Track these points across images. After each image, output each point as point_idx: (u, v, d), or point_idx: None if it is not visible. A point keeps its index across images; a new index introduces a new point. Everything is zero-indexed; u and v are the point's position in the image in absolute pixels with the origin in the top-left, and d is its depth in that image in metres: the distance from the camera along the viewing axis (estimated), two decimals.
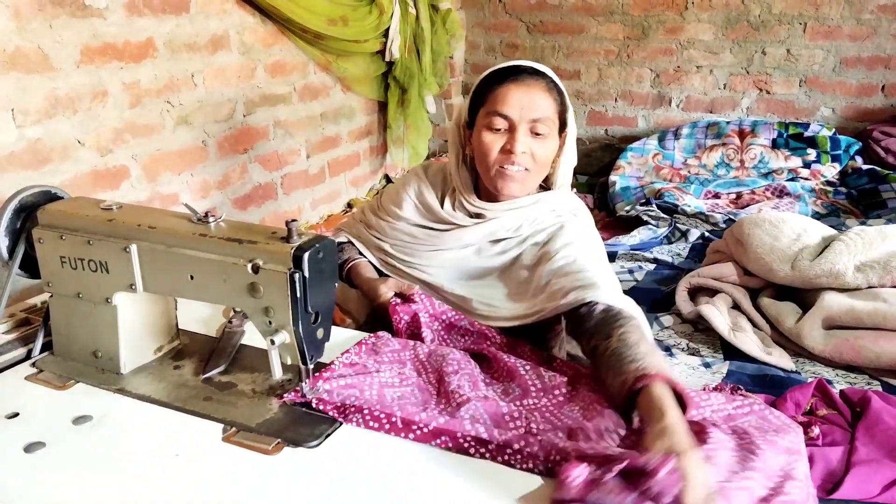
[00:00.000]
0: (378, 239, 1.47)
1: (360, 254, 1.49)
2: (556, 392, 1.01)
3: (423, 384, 1.03)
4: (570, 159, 1.36)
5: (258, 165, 2.72)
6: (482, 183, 1.37)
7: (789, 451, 0.89)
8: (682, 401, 0.90)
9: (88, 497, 0.82)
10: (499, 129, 1.27)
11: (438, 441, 0.90)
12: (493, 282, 1.33)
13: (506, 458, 0.86)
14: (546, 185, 1.41)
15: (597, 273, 1.19)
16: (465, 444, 0.88)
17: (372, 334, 1.16)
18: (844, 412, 1.51)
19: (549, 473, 0.84)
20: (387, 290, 1.28)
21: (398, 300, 1.25)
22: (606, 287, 1.15)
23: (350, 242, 1.52)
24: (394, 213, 1.45)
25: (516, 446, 0.86)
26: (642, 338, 1.03)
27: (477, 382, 1.02)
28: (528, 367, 1.06)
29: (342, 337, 1.20)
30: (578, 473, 0.77)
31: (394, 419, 0.92)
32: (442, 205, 1.41)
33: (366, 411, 0.94)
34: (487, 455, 0.87)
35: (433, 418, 0.91)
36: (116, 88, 2.06)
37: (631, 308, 1.14)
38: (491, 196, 1.35)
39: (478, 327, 1.22)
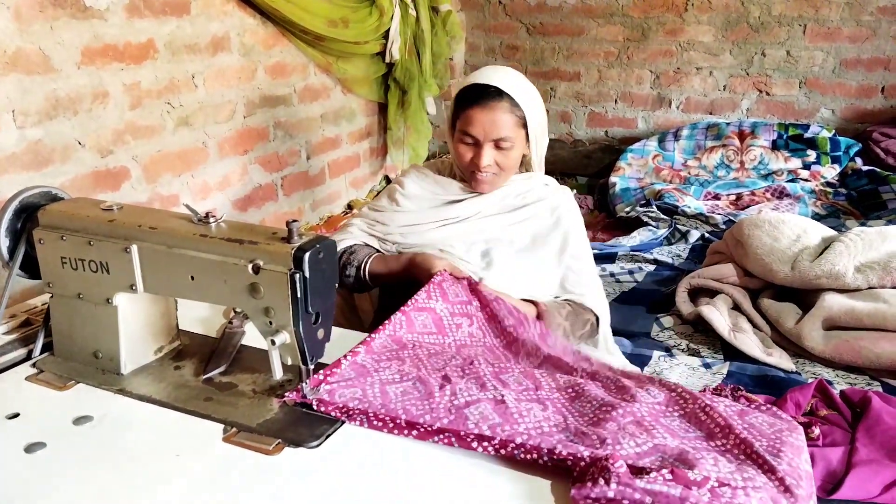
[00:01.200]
0: (386, 235, 1.57)
1: (368, 250, 1.55)
2: (570, 390, 1.03)
3: (424, 376, 1.03)
4: (539, 146, 1.58)
5: (258, 166, 2.72)
6: None
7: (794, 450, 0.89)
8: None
9: (89, 497, 0.82)
10: (468, 143, 1.50)
11: (441, 437, 0.90)
12: (506, 252, 1.53)
13: (509, 450, 0.86)
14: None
15: (591, 282, 1.60)
16: (469, 439, 0.88)
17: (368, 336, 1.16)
18: (845, 413, 1.51)
19: (552, 466, 0.84)
20: (441, 264, 1.37)
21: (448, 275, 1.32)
22: (592, 293, 1.58)
23: (365, 244, 1.57)
24: (398, 199, 1.60)
25: (519, 440, 0.86)
26: (573, 315, 1.51)
27: (486, 384, 1.02)
28: (543, 373, 1.09)
29: (343, 337, 1.20)
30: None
31: (398, 421, 0.92)
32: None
33: (371, 414, 0.94)
34: (490, 449, 0.87)
35: (437, 420, 0.91)
36: (117, 90, 2.07)
37: (599, 307, 1.59)
38: None
39: (518, 316, 1.26)
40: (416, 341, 1.16)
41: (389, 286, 1.55)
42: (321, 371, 1.01)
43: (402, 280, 1.45)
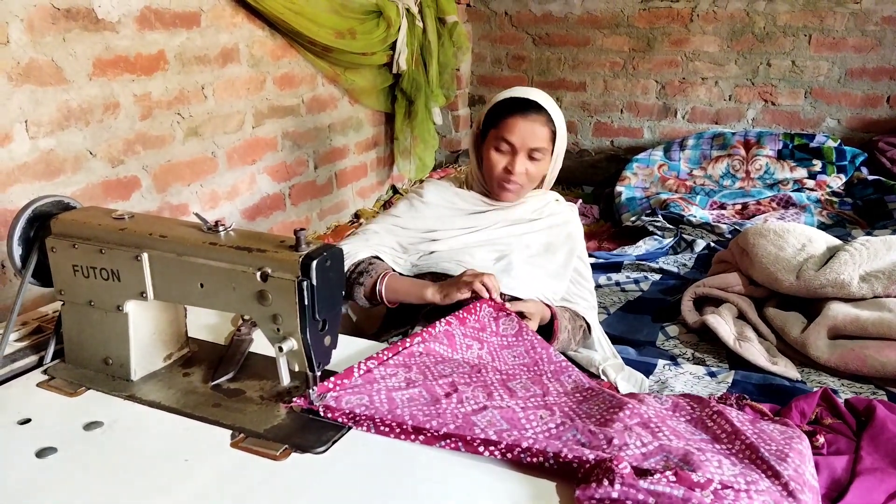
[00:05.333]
0: (408, 242, 1.63)
1: (386, 266, 1.58)
2: (577, 395, 1.04)
3: (429, 384, 1.04)
4: (557, 166, 1.67)
5: (266, 176, 2.74)
6: None
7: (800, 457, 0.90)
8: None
9: (99, 502, 0.83)
10: (504, 151, 1.57)
11: (448, 442, 0.91)
12: (522, 257, 1.60)
13: (515, 454, 0.87)
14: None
15: (589, 295, 1.73)
16: (475, 444, 0.89)
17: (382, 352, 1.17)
18: (849, 421, 1.51)
19: (558, 470, 0.85)
20: (465, 291, 1.40)
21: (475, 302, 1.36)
22: (585, 303, 1.71)
23: (376, 257, 1.59)
24: (417, 206, 1.66)
25: (525, 445, 0.87)
26: (573, 321, 1.63)
27: (492, 393, 1.03)
28: (551, 378, 1.11)
29: (350, 344, 1.21)
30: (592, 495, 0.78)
31: (405, 426, 0.93)
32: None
33: (377, 420, 0.95)
34: (497, 453, 0.88)
35: (443, 425, 0.92)
36: (128, 100, 2.09)
37: (590, 317, 1.70)
38: None
39: (535, 357, 1.27)
40: (425, 349, 1.17)
41: None
42: (329, 379, 1.02)
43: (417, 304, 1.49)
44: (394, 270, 1.57)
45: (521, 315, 1.43)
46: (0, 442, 0.94)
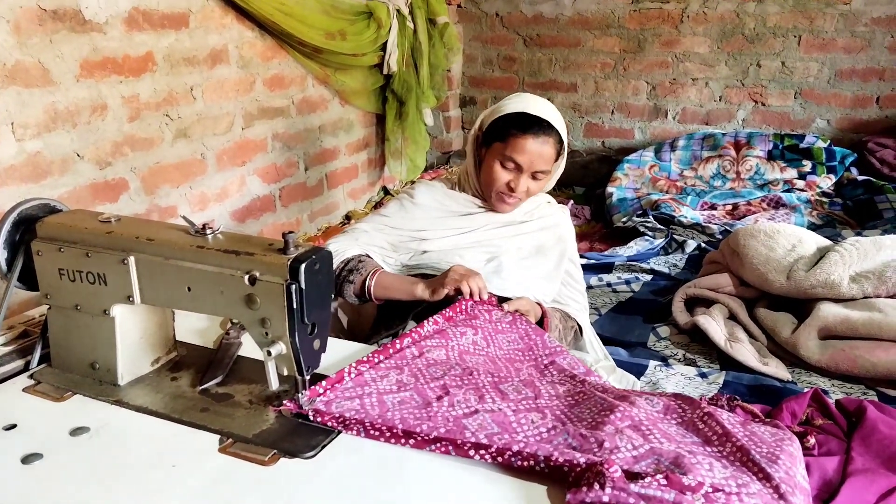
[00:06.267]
0: (398, 240, 1.62)
1: (375, 264, 1.57)
2: (569, 399, 1.04)
3: (420, 387, 1.04)
4: (558, 174, 1.69)
5: (256, 178, 2.73)
6: None
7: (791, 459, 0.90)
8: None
9: None
10: (509, 168, 1.56)
11: (438, 445, 0.90)
12: (513, 259, 1.61)
13: (506, 457, 0.86)
14: None
15: (580, 297, 1.76)
16: (466, 448, 0.89)
17: (373, 353, 1.17)
18: (840, 422, 1.51)
19: (549, 473, 0.84)
20: (449, 288, 1.40)
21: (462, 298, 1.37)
22: (578, 307, 1.73)
23: (366, 255, 1.59)
24: (407, 206, 1.65)
25: (515, 448, 0.86)
26: (563, 321, 1.64)
27: (484, 396, 1.02)
28: (545, 381, 1.11)
29: (339, 347, 1.20)
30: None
31: (395, 430, 0.93)
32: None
33: (367, 423, 0.94)
34: (488, 457, 0.87)
35: (434, 429, 0.91)
36: (116, 102, 2.08)
37: (581, 318, 1.72)
38: None
39: (529, 343, 1.26)
40: (417, 349, 1.16)
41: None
42: (320, 383, 1.01)
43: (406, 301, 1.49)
44: (383, 269, 1.57)
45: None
46: None
